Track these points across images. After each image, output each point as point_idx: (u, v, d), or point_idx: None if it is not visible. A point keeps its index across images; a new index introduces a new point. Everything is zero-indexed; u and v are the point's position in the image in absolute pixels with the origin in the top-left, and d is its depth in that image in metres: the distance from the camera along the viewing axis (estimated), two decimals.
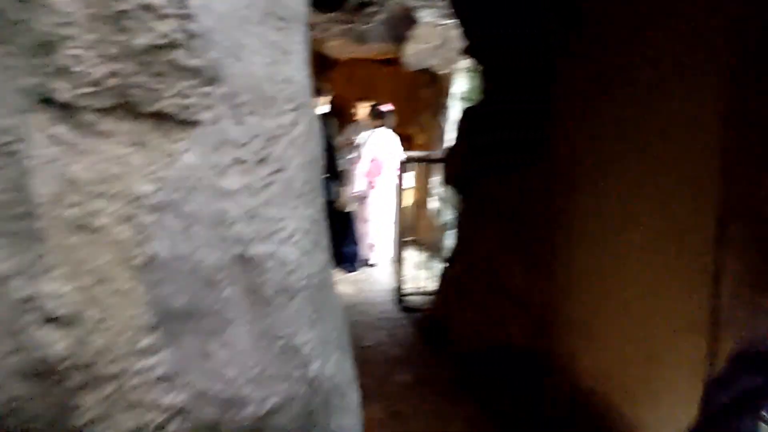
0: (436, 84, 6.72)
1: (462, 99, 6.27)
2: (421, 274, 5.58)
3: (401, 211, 5.63)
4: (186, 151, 0.88)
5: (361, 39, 6.24)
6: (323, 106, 5.64)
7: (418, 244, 6.79)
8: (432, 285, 5.10)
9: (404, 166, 5.53)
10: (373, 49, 6.56)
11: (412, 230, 6.96)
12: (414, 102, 7.26)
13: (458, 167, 4.42)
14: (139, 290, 0.86)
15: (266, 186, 0.97)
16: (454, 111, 6.19)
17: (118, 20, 0.84)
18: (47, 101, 0.83)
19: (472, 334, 3.99)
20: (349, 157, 6.29)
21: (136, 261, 0.86)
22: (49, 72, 0.83)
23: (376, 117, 6.30)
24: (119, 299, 0.86)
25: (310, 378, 1.03)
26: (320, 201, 1.12)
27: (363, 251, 6.35)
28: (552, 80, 3.60)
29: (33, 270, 0.84)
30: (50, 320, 0.84)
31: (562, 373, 3.40)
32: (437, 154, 6.20)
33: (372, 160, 6.21)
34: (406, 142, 7.03)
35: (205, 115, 0.89)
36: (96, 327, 0.85)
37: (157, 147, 0.87)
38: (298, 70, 1.02)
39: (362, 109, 6.65)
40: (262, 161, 0.96)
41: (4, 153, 0.82)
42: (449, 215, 6.30)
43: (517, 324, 3.78)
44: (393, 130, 6.39)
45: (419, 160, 6.31)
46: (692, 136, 2.26)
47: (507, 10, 3.81)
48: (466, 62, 5.76)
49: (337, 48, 6.61)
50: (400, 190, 5.55)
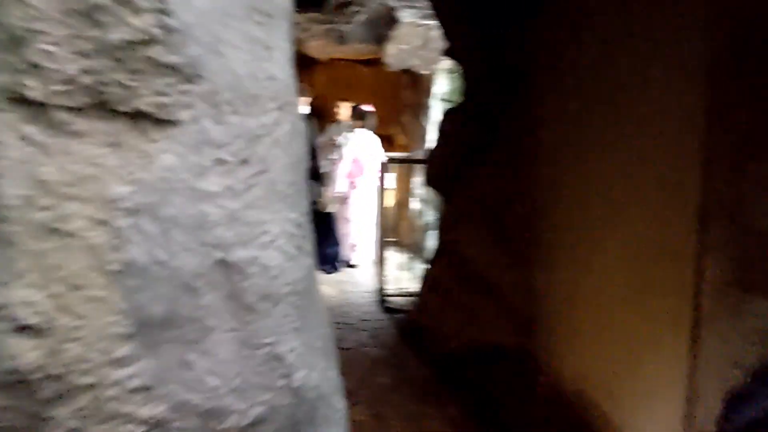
0: (417, 85, 6.73)
1: (442, 100, 6.29)
2: (403, 275, 5.60)
3: (383, 212, 5.63)
4: (164, 151, 0.85)
5: (342, 39, 6.24)
6: (303, 107, 5.64)
7: (399, 245, 6.80)
8: (414, 286, 5.12)
9: (385, 167, 5.53)
10: (354, 50, 6.56)
11: (393, 231, 6.97)
12: (395, 103, 7.27)
13: (440, 168, 4.43)
14: (114, 297, 0.83)
15: (248, 188, 0.94)
16: (436, 112, 6.20)
17: (93, 15, 0.80)
18: (17, 100, 0.80)
19: (454, 335, 4.00)
20: (330, 157, 6.28)
21: (111, 267, 0.83)
22: (20, 69, 0.79)
23: (358, 117, 6.31)
24: (94, 307, 0.82)
25: (295, 387, 1.00)
26: (305, 203, 1.09)
27: (344, 252, 6.35)
28: (531, 79, 3.62)
29: (3, 276, 0.80)
30: (21, 329, 0.81)
31: (546, 373, 3.41)
32: (419, 155, 6.22)
33: (353, 161, 6.22)
34: (388, 143, 7.04)
35: (184, 114, 0.86)
36: (70, 336, 0.82)
37: (134, 147, 0.84)
38: (281, 67, 0.99)
39: (344, 109, 6.65)
40: (244, 162, 0.93)
41: None
42: (431, 216, 6.32)
43: (500, 324, 3.80)
44: (374, 131, 6.40)
45: (400, 161, 6.32)
46: (673, 136, 2.27)
47: (487, 11, 3.82)
48: (447, 63, 5.77)
49: (318, 48, 6.60)
50: (381, 191, 5.56)
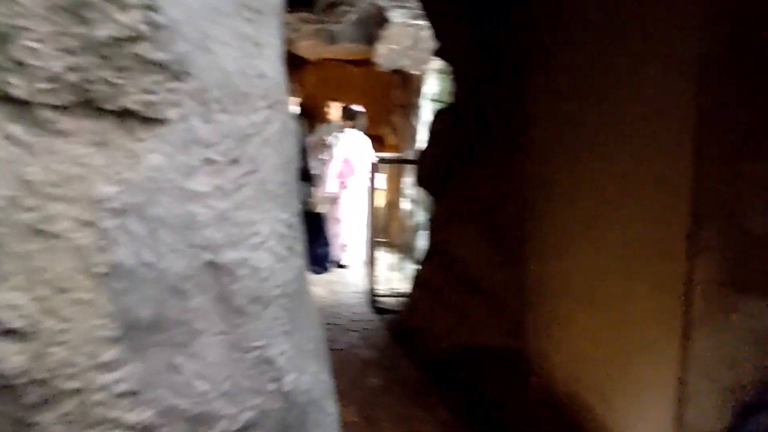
0: (407, 85, 6.72)
1: (433, 100, 6.29)
2: (394, 276, 5.59)
3: (373, 213, 5.62)
4: (151, 150, 0.83)
5: (332, 39, 6.23)
6: (293, 107, 5.63)
7: (390, 245, 6.79)
8: (405, 286, 5.11)
9: (376, 167, 5.53)
10: (345, 50, 6.55)
11: (384, 231, 6.97)
12: (386, 103, 7.26)
13: (430, 168, 4.42)
14: (101, 300, 0.81)
15: (238, 188, 0.92)
16: (426, 112, 6.20)
17: (78, 11, 0.78)
18: (1, 98, 0.78)
19: (445, 336, 4.00)
20: (321, 157, 6.28)
21: (97, 269, 0.81)
22: (4, 66, 0.77)
23: (348, 118, 6.31)
24: (80, 310, 0.80)
25: (286, 391, 0.99)
26: (296, 204, 1.08)
27: (335, 252, 6.34)
28: (523, 81, 3.62)
29: None
30: (5, 332, 0.78)
31: (537, 374, 3.41)
32: (409, 155, 6.22)
33: (344, 161, 6.21)
34: (378, 143, 7.03)
35: (172, 113, 0.84)
36: (55, 340, 0.80)
37: (121, 147, 0.82)
38: (272, 64, 0.98)
39: (335, 110, 6.64)
40: (233, 162, 0.91)
41: None
42: (421, 216, 6.32)
43: (492, 325, 3.80)
44: (364, 132, 6.40)
45: (391, 161, 6.32)
46: (666, 136, 2.27)
47: (477, 11, 3.82)
48: (437, 63, 5.77)
49: (308, 48, 6.59)
50: (372, 192, 5.55)
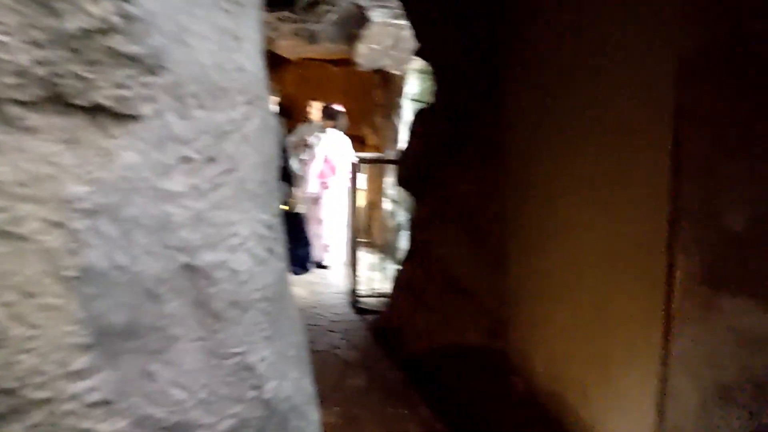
0: (388, 85, 6.71)
1: (414, 100, 6.29)
2: (375, 276, 5.57)
3: (354, 213, 5.60)
4: (124, 148, 0.79)
5: (312, 39, 6.19)
6: (273, 106, 5.58)
7: (371, 245, 6.78)
8: (386, 287, 5.10)
9: (357, 167, 5.51)
10: (325, 49, 6.52)
11: (365, 232, 6.95)
12: (366, 103, 7.24)
13: (411, 168, 4.42)
14: (71, 305, 0.77)
15: (215, 187, 0.88)
16: (407, 112, 6.19)
17: (47, 2, 0.74)
18: None
19: (426, 336, 4.00)
20: (302, 157, 6.25)
21: (67, 272, 0.77)
22: None
23: (329, 117, 6.29)
24: (49, 316, 0.76)
25: (266, 399, 0.95)
26: (276, 204, 1.04)
27: (315, 253, 6.31)
28: (503, 81, 3.63)
29: None
30: None
31: (519, 373, 3.42)
32: (390, 155, 6.21)
33: (325, 161, 6.19)
34: (359, 143, 7.01)
35: (146, 109, 0.80)
36: (23, 347, 0.76)
37: (92, 144, 0.78)
38: (251, 58, 0.94)
39: (316, 110, 6.61)
40: (211, 160, 0.87)
41: None
42: (403, 216, 6.31)
43: (473, 324, 3.80)
44: (345, 132, 6.38)
45: (372, 161, 6.30)
46: (644, 136, 2.28)
47: (458, 12, 3.82)
48: (418, 63, 5.77)
49: (288, 48, 6.54)
50: (353, 192, 5.53)
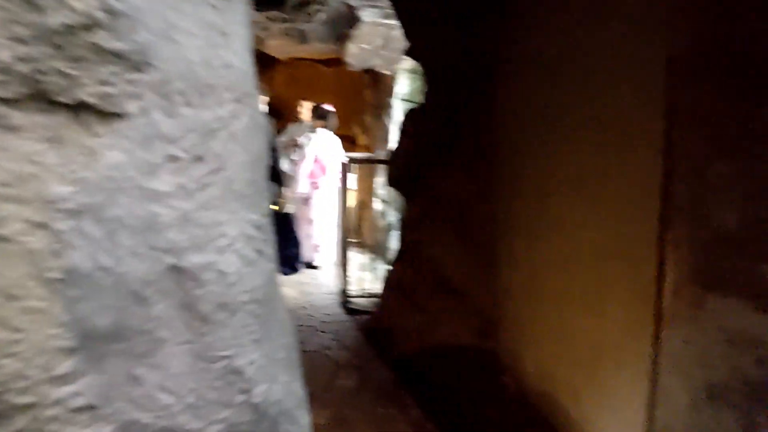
0: (379, 84, 6.70)
1: (404, 100, 6.28)
2: (366, 276, 5.56)
3: (345, 213, 5.59)
4: (109, 147, 0.77)
5: (302, 38, 6.17)
6: (262, 106, 5.57)
7: (362, 245, 6.76)
8: (377, 287, 5.09)
9: (347, 167, 5.50)
10: (315, 49, 6.50)
11: (355, 232, 6.94)
12: (357, 102, 7.22)
13: (402, 168, 4.41)
14: (55, 308, 0.75)
15: (203, 187, 0.86)
16: (398, 112, 6.19)
17: None
18: None
19: (417, 336, 3.99)
20: (292, 157, 6.23)
21: (51, 274, 0.75)
22: None
23: (319, 117, 6.27)
24: (32, 319, 0.74)
25: (255, 403, 0.93)
26: (265, 204, 1.02)
27: (304, 253, 6.29)
28: (494, 81, 3.63)
29: None
30: None
31: (509, 373, 3.42)
32: (380, 155, 6.20)
33: (315, 161, 6.17)
34: (350, 143, 7.00)
35: (132, 106, 0.78)
36: (6, 351, 0.74)
37: (76, 143, 0.76)
38: (239, 55, 0.92)
39: (306, 109, 6.59)
40: (198, 159, 0.85)
41: None
42: (393, 216, 6.30)
43: (464, 324, 3.80)
44: (335, 132, 6.37)
45: (362, 161, 6.29)
46: (634, 136, 2.28)
47: (448, 11, 3.81)
48: (408, 63, 5.76)
49: (278, 47, 6.52)
50: (343, 192, 5.51)
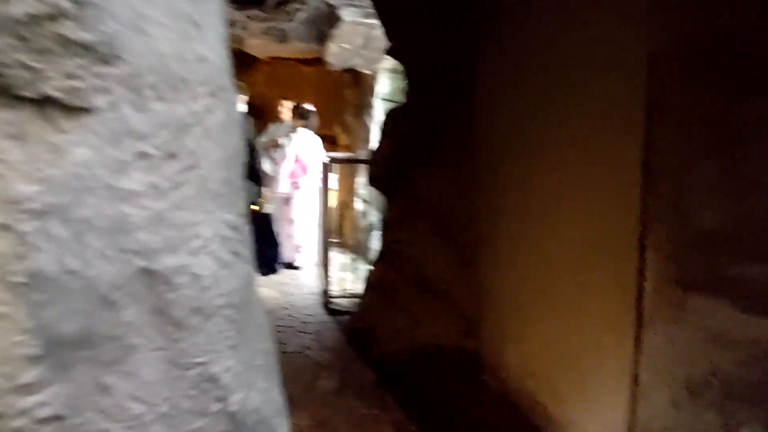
0: (359, 84, 6.68)
1: (385, 100, 6.27)
2: (347, 276, 5.53)
3: (326, 213, 5.56)
4: (76, 144, 0.73)
5: (282, 38, 6.13)
6: (242, 105, 5.53)
7: (343, 245, 6.73)
8: (358, 287, 5.06)
9: (328, 167, 5.47)
10: (296, 48, 6.47)
11: (337, 232, 6.91)
12: (338, 102, 7.20)
13: (383, 168, 4.39)
14: (19, 314, 0.71)
15: (176, 186, 0.82)
16: (379, 111, 6.17)
17: None
18: None
19: (399, 336, 3.97)
20: (273, 157, 6.19)
21: (15, 278, 0.71)
22: None
23: (300, 117, 6.24)
24: None
25: (232, 412, 0.89)
26: (241, 203, 0.98)
27: (284, 253, 6.25)
28: (474, 79, 3.62)
29: None
30: None
31: (491, 372, 3.41)
32: (362, 154, 6.17)
33: (296, 161, 6.14)
34: (330, 143, 6.96)
35: (100, 101, 0.74)
36: None
37: (41, 139, 0.72)
38: (213, 47, 0.88)
39: (287, 109, 6.55)
40: (170, 156, 0.81)
41: None
42: (374, 216, 6.28)
43: (445, 324, 3.79)
44: (315, 132, 6.34)
45: (343, 161, 6.26)
46: (614, 135, 2.28)
47: (429, 10, 3.80)
48: (389, 62, 5.74)
49: (258, 47, 6.47)
50: (324, 192, 5.48)
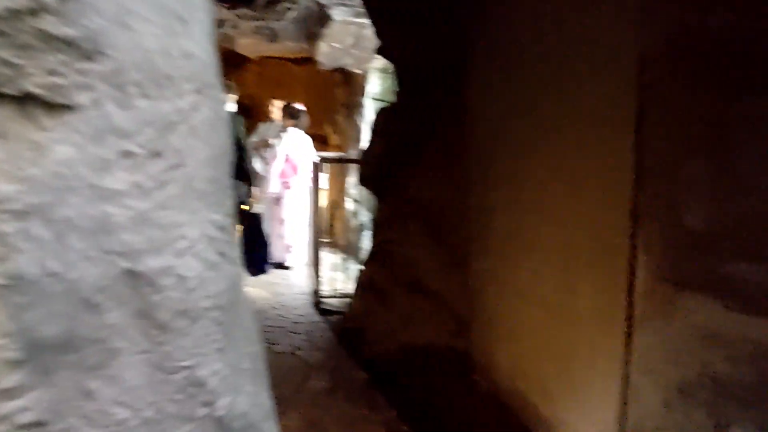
0: (350, 83, 6.66)
1: (375, 99, 6.25)
2: (338, 276, 5.51)
3: (316, 213, 5.54)
4: (58, 142, 0.71)
5: (273, 37, 6.10)
6: (231, 104, 5.51)
7: (334, 245, 6.72)
8: (349, 287, 5.05)
9: (319, 166, 5.45)
10: (286, 48, 6.44)
11: (327, 232, 6.89)
12: (328, 102, 7.17)
13: (374, 168, 4.38)
14: (0, 317, 0.70)
15: (161, 185, 0.81)
16: (369, 111, 6.16)
17: None
18: None
19: (390, 336, 3.96)
20: (263, 156, 6.16)
21: None
22: None
23: (291, 116, 6.21)
24: None
25: (218, 416, 0.88)
26: (228, 203, 0.97)
27: (273, 253, 6.23)
28: (465, 79, 3.62)
29: None
30: None
31: (482, 372, 3.41)
32: (352, 154, 6.16)
33: (286, 160, 6.11)
34: (321, 143, 6.94)
35: (83, 98, 0.73)
36: None
37: (22, 137, 0.70)
38: (199, 43, 0.86)
39: (277, 109, 6.52)
40: (155, 154, 0.80)
41: None
42: (365, 216, 6.26)
43: (436, 324, 3.78)
44: (306, 131, 6.31)
45: (334, 160, 6.24)
46: (605, 135, 2.28)
47: (419, 10, 3.80)
48: (380, 62, 5.73)
49: (248, 46, 6.44)
50: (315, 191, 5.46)
